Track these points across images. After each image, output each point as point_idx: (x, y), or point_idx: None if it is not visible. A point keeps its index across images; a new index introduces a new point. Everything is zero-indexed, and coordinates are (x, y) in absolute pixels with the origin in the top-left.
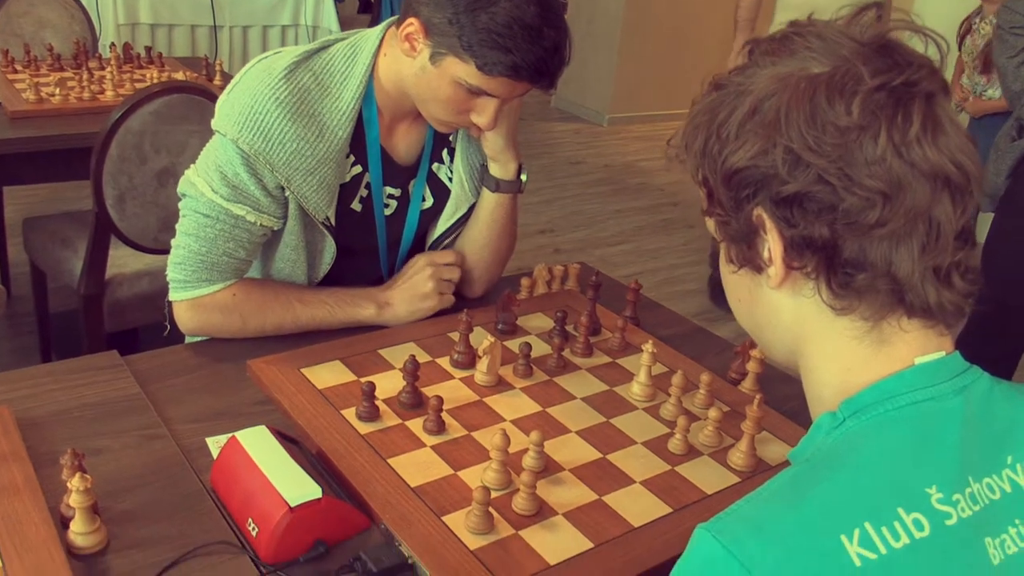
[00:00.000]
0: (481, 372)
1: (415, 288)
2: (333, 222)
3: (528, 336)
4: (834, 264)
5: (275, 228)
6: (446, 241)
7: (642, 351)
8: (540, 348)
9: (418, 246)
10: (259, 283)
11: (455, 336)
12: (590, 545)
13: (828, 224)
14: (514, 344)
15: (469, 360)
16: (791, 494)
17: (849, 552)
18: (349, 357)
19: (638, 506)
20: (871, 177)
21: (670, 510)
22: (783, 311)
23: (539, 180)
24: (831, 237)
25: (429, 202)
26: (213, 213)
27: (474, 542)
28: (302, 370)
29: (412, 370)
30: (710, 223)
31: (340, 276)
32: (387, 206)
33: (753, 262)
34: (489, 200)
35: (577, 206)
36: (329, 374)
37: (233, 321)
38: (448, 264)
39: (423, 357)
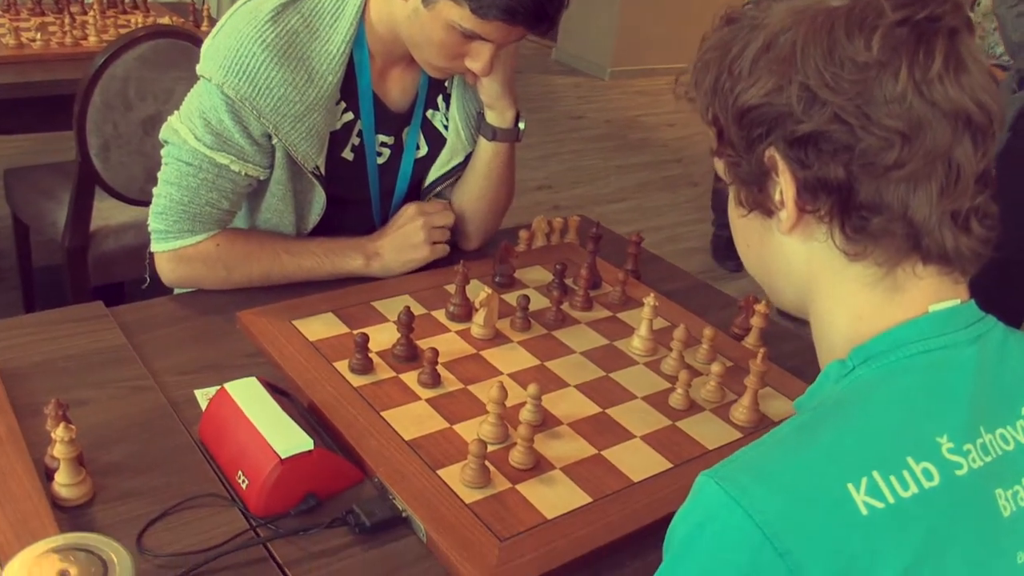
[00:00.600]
0: (478, 325)
1: (405, 238)
2: (323, 171)
3: (526, 289)
4: (849, 207)
5: (261, 178)
6: (439, 188)
7: (643, 305)
8: (538, 301)
9: (412, 196)
10: (244, 233)
11: (451, 288)
12: (588, 500)
13: (844, 165)
14: (512, 297)
15: (465, 313)
16: (797, 441)
17: (856, 501)
18: (342, 309)
19: (638, 461)
20: (890, 116)
21: (670, 465)
22: (794, 257)
23: (538, 135)
24: (846, 179)
25: (424, 150)
26: (196, 162)
27: (470, 496)
28: (293, 322)
29: (407, 322)
30: (719, 164)
31: (331, 227)
32: (380, 154)
33: (764, 205)
34: (486, 149)
35: (577, 162)
36: (321, 326)
37: (217, 272)
38: (438, 212)
39: (418, 309)
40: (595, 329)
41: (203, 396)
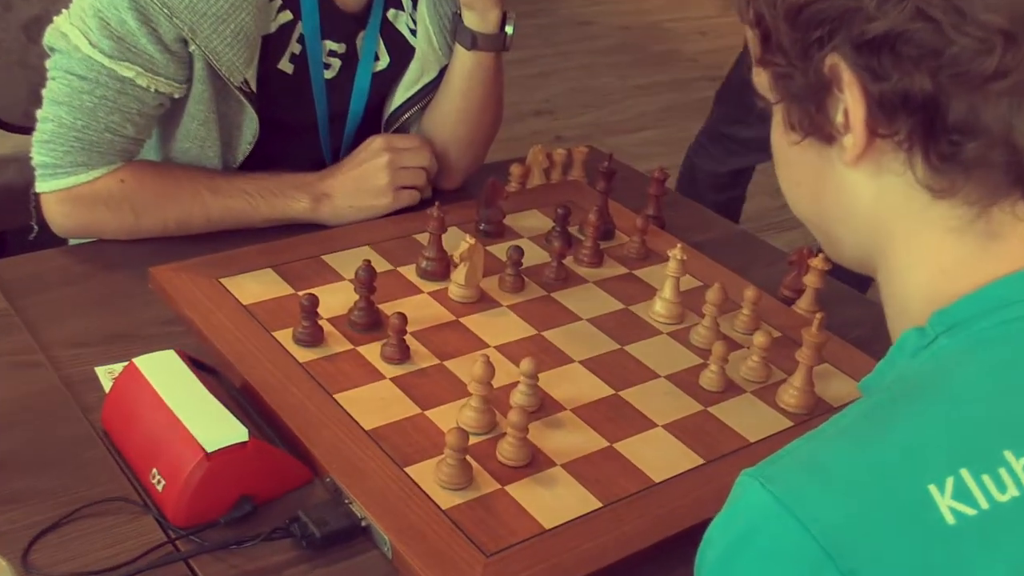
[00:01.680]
0: (457, 284)
1: (364, 179)
2: (254, 87)
3: (519, 239)
4: (935, 129)
5: (175, 96)
6: (407, 115)
7: (668, 259)
8: (535, 255)
9: (371, 122)
10: (156, 167)
11: (423, 238)
12: (598, 505)
13: (930, 75)
14: (501, 249)
15: (441, 269)
16: (864, 432)
17: (940, 506)
18: (284, 264)
19: (660, 456)
20: (989, 10)
21: (702, 461)
22: (860, 196)
23: (534, 46)
24: (932, 93)
25: (384, 62)
26: (91, 75)
27: (447, 500)
28: (222, 280)
29: (367, 280)
30: (762, 77)
31: (267, 161)
32: (328, 66)
33: (822, 129)
34: (464, 61)
35: (585, 80)
36: (257, 285)
37: (123, 217)
38: (410, 149)
39: (381, 265)
40: (606, 290)
41: (107, 374)
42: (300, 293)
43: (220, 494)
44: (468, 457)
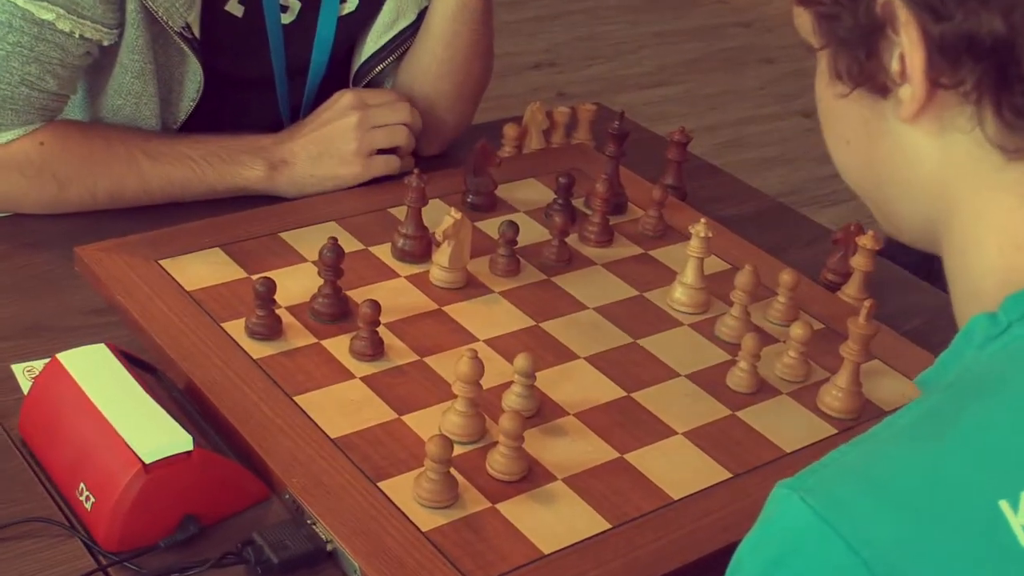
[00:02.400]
0: (440, 267)
1: (329, 142)
2: (197, 32)
3: (514, 214)
4: (1008, 78)
5: (104, 43)
6: (380, 67)
7: (690, 237)
8: (532, 232)
9: (337, 77)
10: (82, 128)
11: (400, 212)
12: (607, 526)
13: (1001, 14)
14: (491, 225)
15: (421, 249)
16: (923, 436)
17: (1012, 525)
18: (235, 243)
19: (680, 469)
20: None
21: (729, 475)
22: (920, 157)
23: None
24: (1005, 35)
25: (352, 3)
26: (3, 17)
27: (428, 520)
28: (160, 262)
29: (332, 262)
30: (804, 18)
31: (215, 122)
32: (285, 9)
33: (875, 79)
34: (444, 4)
35: (592, 27)
36: (204, 268)
37: (44, 186)
38: (385, 104)
39: (350, 244)
40: (617, 273)
41: (25, 373)
42: (254, 277)
43: (160, 513)
44: (452, 470)
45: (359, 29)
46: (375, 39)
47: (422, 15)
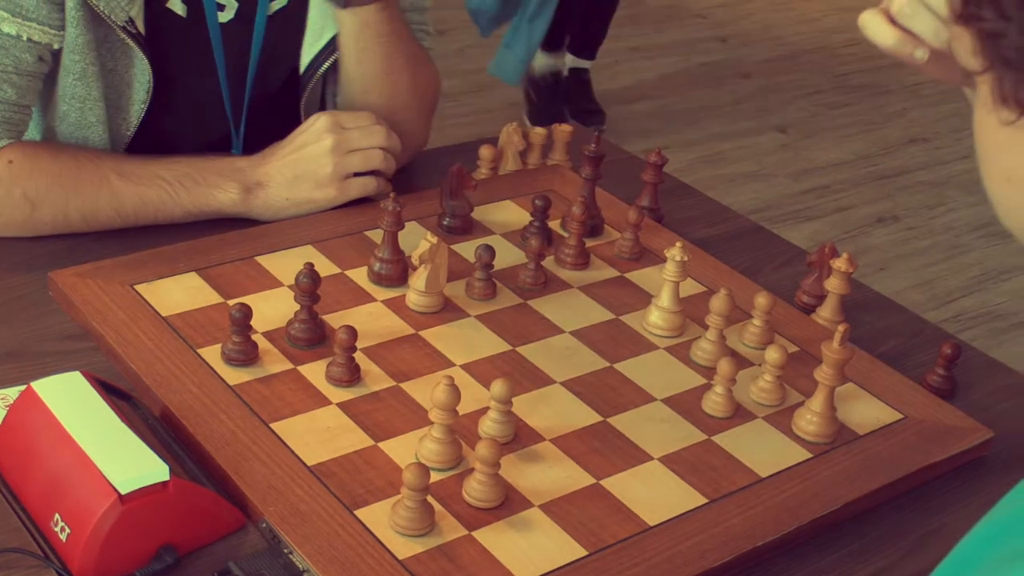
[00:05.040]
0: (416, 291)
1: (304, 166)
2: (142, 28)
3: (490, 237)
4: None
5: (54, 46)
6: (318, 73)
7: (666, 260)
8: (508, 255)
9: (277, 78)
10: (51, 147)
11: (376, 235)
12: (583, 552)
13: None
14: (468, 248)
15: (398, 273)
16: None
17: None
18: (211, 267)
19: (656, 494)
20: None
21: (705, 500)
22: None
23: None
24: None
25: (280, 1)
26: None
27: (405, 548)
28: (136, 286)
29: (309, 287)
30: (964, 40)
31: (164, 132)
32: (222, 7)
33: None
34: (346, 23)
35: None
36: (180, 293)
37: (14, 208)
38: (361, 128)
39: (326, 268)
40: (593, 296)
41: None
42: (230, 302)
43: (136, 544)
44: (429, 497)
45: (292, 28)
46: (309, 46)
47: None
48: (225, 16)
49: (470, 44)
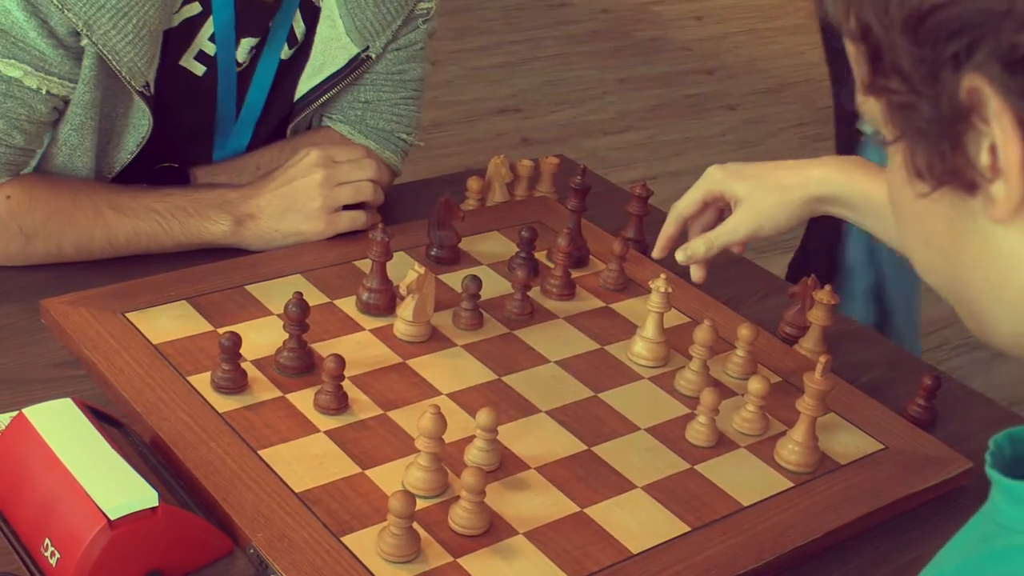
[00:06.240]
0: (404, 320)
1: (294, 199)
2: (152, 89)
3: (477, 267)
4: None
5: (70, 98)
6: (308, 110)
7: (650, 291)
8: (495, 285)
9: (274, 120)
10: (48, 181)
11: (364, 265)
12: None
13: None
14: (455, 279)
15: (385, 302)
16: None
17: None
18: (201, 296)
19: (639, 522)
20: None
21: (687, 528)
22: (1017, 263)
23: (499, 31)
24: None
25: (287, 52)
26: None
27: (391, 574)
28: (127, 315)
29: (298, 316)
30: (872, 106)
31: (152, 162)
32: (240, 64)
33: (961, 175)
34: None
35: (558, 73)
36: (170, 321)
37: (10, 240)
38: (351, 162)
39: (315, 297)
40: (578, 327)
41: None
42: (220, 331)
43: (125, 569)
44: (415, 524)
45: (293, 74)
46: (307, 80)
47: (352, 63)
48: (242, 63)
49: (459, 75)
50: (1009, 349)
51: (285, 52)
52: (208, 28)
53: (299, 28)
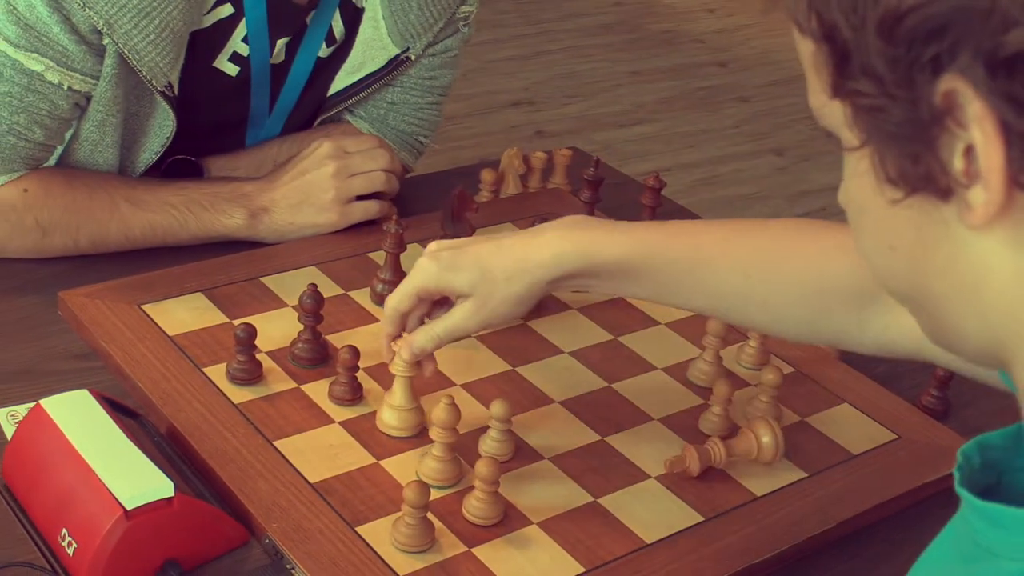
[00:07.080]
0: None
1: (307, 191)
2: (176, 90)
3: None
4: None
5: (92, 94)
6: (347, 103)
7: None
8: None
9: (306, 114)
10: (65, 175)
11: (378, 257)
12: (580, 569)
13: None
14: None
15: None
16: None
17: None
18: (216, 288)
19: (653, 512)
20: None
21: (701, 519)
22: (991, 269)
23: (512, 24)
24: None
25: (327, 51)
26: None
27: (406, 564)
28: (143, 307)
29: (312, 308)
30: (834, 110)
31: (176, 157)
32: (275, 60)
33: (935, 181)
34: None
35: (571, 66)
36: (186, 313)
37: (27, 233)
38: (363, 152)
39: (329, 288)
40: (592, 318)
41: (9, 418)
42: (235, 322)
43: (141, 558)
44: (430, 515)
45: (329, 71)
46: (344, 77)
47: (392, 62)
48: (274, 60)
49: (473, 68)
50: (972, 359)
51: (323, 51)
52: (241, 30)
53: (338, 28)
